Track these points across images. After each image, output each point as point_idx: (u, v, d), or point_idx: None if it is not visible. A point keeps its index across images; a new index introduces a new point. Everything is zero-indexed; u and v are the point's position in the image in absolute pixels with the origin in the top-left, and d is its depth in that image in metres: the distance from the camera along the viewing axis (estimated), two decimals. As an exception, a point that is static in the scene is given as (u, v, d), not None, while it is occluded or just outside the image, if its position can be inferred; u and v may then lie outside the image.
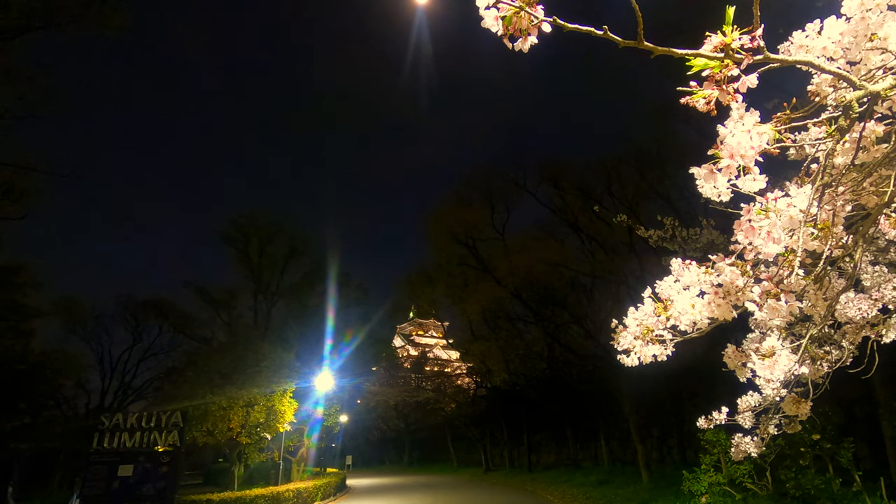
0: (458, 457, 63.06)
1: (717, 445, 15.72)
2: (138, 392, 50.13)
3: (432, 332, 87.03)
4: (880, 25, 2.47)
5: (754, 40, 2.11)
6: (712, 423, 4.70)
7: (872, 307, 3.59)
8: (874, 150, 2.74)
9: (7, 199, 26.10)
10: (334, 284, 52.23)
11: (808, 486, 14.02)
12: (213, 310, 53.12)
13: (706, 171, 2.35)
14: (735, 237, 2.41)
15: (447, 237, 44.88)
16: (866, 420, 21.02)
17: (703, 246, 11.21)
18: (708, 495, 15.62)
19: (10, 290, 37.40)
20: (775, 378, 3.04)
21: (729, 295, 2.56)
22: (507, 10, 2.08)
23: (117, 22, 22.83)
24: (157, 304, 51.53)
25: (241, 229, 52.29)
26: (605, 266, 34.57)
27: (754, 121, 2.23)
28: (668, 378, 27.53)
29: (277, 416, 26.59)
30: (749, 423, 4.62)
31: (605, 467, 35.38)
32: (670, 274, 2.92)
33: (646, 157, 33.64)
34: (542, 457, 50.64)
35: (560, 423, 44.82)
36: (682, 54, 2.16)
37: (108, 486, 17.76)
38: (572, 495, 26.38)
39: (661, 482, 23.35)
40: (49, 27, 22.04)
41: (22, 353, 39.52)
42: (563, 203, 37.56)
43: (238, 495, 22.09)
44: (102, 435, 18.58)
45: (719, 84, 2.16)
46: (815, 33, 2.56)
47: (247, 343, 30.58)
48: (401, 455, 78.56)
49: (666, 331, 2.88)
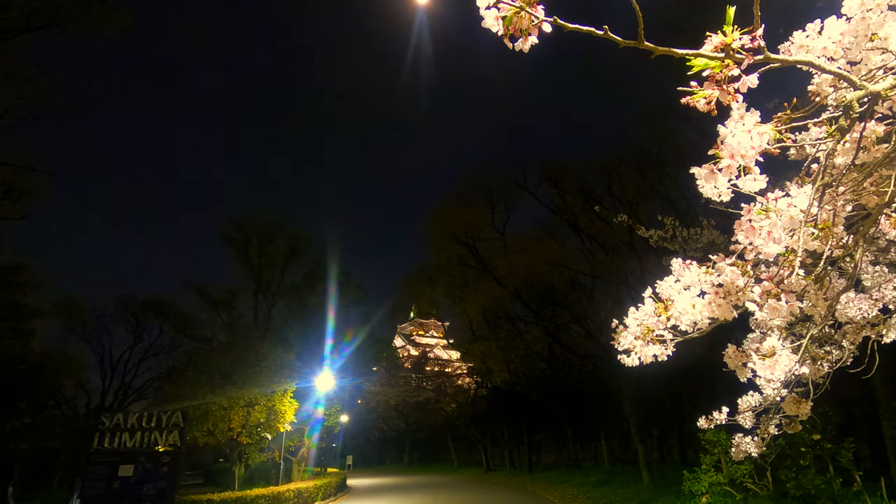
0: (458, 457, 63.08)
1: (717, 445, 15.72)
2: (139, 392, 50.14)
3: (433, 332, 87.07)
4: (881, 25, 2.47)
5: (755, 40, 2.11)
6: (713, 423, 4.70)
7: (873, 307, 3.59)
8: (874, 150, 2.74)
9: (7, 199, 26.10)
10: (335, 284, 52.28)
11: (809, 486, 14.02)
12: (213, 310, 53.21)
13: (707, 171, 2.35)
14: (735, 237, 2.41)
15: (447, 237, 44.92)
16: (866, 420, 21.03)
17: (703, 246, 11.20)
18: (708, 495, 15.62)
19: (11, 290, 37.41)
20: (776, 378, 3.04)
21: (729, 295, 2.56)
22: (507, 10, 2.08)
23: (117, 22, 22.83)
24: (158, 304, 51.54)
25: (241, 229, 52.35)
26: (606, 266, 34.58)
27: (755, 121, 2.23)
28: (668, 378, 27.53)
29: (278, 416, 26.58)
30: (749, 423, 4.63)
31: (606, 467, 35.38)
32: (671, 274, 2.92)
33: (646, 157, 33.68)
34: (542, 457, 50.67)
35: (560, 423, 44.82)
36: (683, 54, 2.16)
37: (108, 487, 17.74)
38: (573, 495, 26.37)
39: (662, 482, 23.35)
40: (49, 27, 22.04)
41: (22, 353, 39.51)
42: (564, 203, 37.61)
43: (239, 495, 22.09)
44: (103, 435, 18.57)
45: (720, 84, 2.16)
46: (815, 33, 2.56)
47: (247, 343, 30.58)
48: (401, 455, 78.58)
49: (666, 331, 2.88)
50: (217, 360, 27.87)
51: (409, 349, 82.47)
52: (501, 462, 53.65)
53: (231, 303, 53.31)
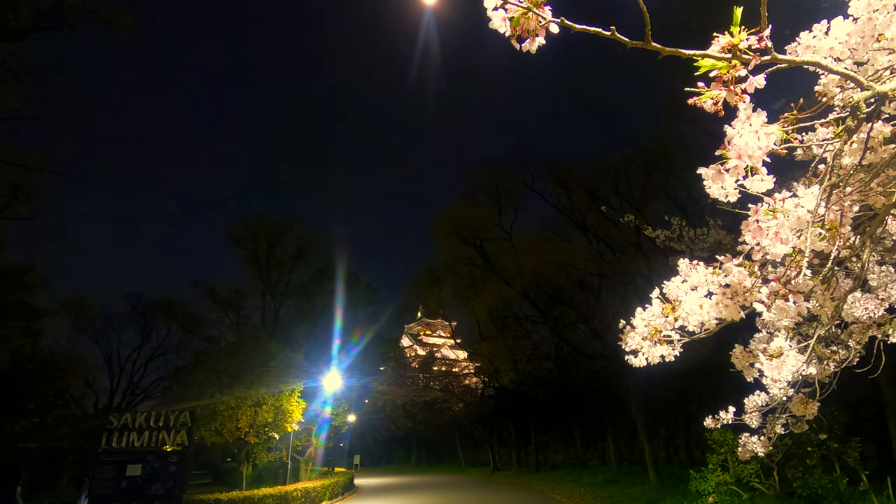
0: (465, 456, 63.17)
1: (724, 445, 15.68)
2: (147, 392, 50.26)
3: (440, 332, 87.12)
4: (887, 26, 2.47)
5: (762, 41, 2.12)
6: (719, 422, 4.69)
7: (879, 307, 3.58)
8: (882, 151, 2.74)
9: (16, 199, 26.24)
10: (342, 284, 52.18)
11: (815, 486, 13.98)
12: (221, 310, 53.28)
13: (714, 172, 2.36)
14: (743, 238, 2.42)
15: (455, 237, 45.02)
16: (873, 420, 20.96)
17: (710, 246, 11.19)
18: (715, 495, 15.59)
19: (20, 290, 37.55)
20: (783, 378, 3.03)
21: (737, 295, 2.56)
22: (514, 11, 2.08)
23: (126, 22, 22.91)
24: (166, 304, 51.67)
25: (249, 229, 52.37)
26: (613, 266, 34.54)
27: (762, 121, 2.24)
28: (675, 378, 27.52)
29: (286, 416, 26.63)
30: (756, 422, 4.62)
31: (613, 467, 35.35)
32: (678, 274, 2.92)
33: (653, 157, 33.66)
34: (549, 456, 50.71)
35: (567, 422, 44.81)
36: (690, 55, 2.17)
37: (116, 486, 17.80)
38: (580, 495, 26.37)
39: (669, 481, 23.34)
40: (57, 28, 22.12)
41: (31, 352, 39.68)
42: (571, 203, 37.57)
43: (246, 495, 22.14)
44: (111, 434, 18.62)
45: (727, 85, 2.17)
46: (822, 34, 2.57)
47: (255, 343, 30.61)
48: (408, 454, 78.78)
49: (674, 331, 2.88)
50: (225, 360, 27.95)
51: (416, 349, 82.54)
52: (508, 462, 53.71)
53: (239, 303, 53.40)
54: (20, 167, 24.25)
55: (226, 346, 37.48)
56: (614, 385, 31.95)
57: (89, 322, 49.16)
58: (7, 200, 26.63)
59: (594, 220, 35.56)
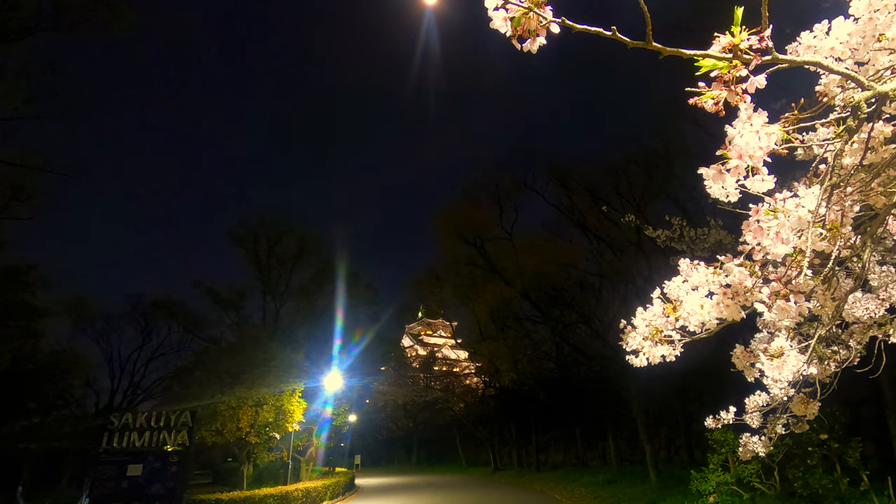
0: (466, 456, 63.16)
1: (724, 445, 15.69)
2: (147, 392, 50.22)
3: (441, 332, 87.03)
4: (888, 26, 2.47)
5: (763, 41, 2.11)
6: (720, 422, 4.68)
7: (880, 307, 3.58)
8: (882, 151, 2.74)
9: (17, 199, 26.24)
10: (343, 284, 52.28)
11: (816, 486, 13.98)
12: (222, 310, 53.29)
13: (715, 172, 2.35)
14: (744, 237, 2.42)
15: (455, 237, 45.15)
16: (873, 419, 21.00)
17: (711, 246, 11.21)
18: (716, 494, 15.60)
19: (20, 290, 37.51)
20: (784, 378, 3.03)
21: (738, 295, 2.56)
22: (515, 11, 2.08)
23: (126, 22, 22.91)
24: (167, 304, 51.61)
25: (249, 229, 52.59)
26: (613, 266, 34.56)
27: (762, 121, 2.24)
28: (676, 378, 27.49)
29: (286, 416, 26.62)
30: (757, 422, 4.61)
31: (613, 467, 35.38)
32: (678, 274, 2.92)
33: (654, 157, 33.70)
34: (550, 456, 50.75)
35: (568, 422, 44.76)
36: (691, 55, 2.17)
37: (117, 486, 17.79)
38: (581, 495, 26.38)
39: (669, 481, 23.34)
40: (58, 28, 22.12)
41: (31, 352, 39.70)
42: (571, 203, 37.65)
43: (247, 495, 22.13)
44: (112, 434, 18.62)
45: (728, 84, 2.17)
46: (822, 34, 2.57)
47: (256, 343, 30.62)
48: (409, 454, 78.75)
49: (674, 331, 2.88)
50: (226, 360, 27.98)
51: (417, 349, 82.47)
52: (509, 461, 53.69)
53: (240, 303, 53.41)
54: (20, 167, 24.25)
55: (226, 346, 37.48)
56: (615, 385, 31.97)
57: (90, 322, 49.22)
58: (7, 200, 26.61)
59: (595, 220, 35.63)
